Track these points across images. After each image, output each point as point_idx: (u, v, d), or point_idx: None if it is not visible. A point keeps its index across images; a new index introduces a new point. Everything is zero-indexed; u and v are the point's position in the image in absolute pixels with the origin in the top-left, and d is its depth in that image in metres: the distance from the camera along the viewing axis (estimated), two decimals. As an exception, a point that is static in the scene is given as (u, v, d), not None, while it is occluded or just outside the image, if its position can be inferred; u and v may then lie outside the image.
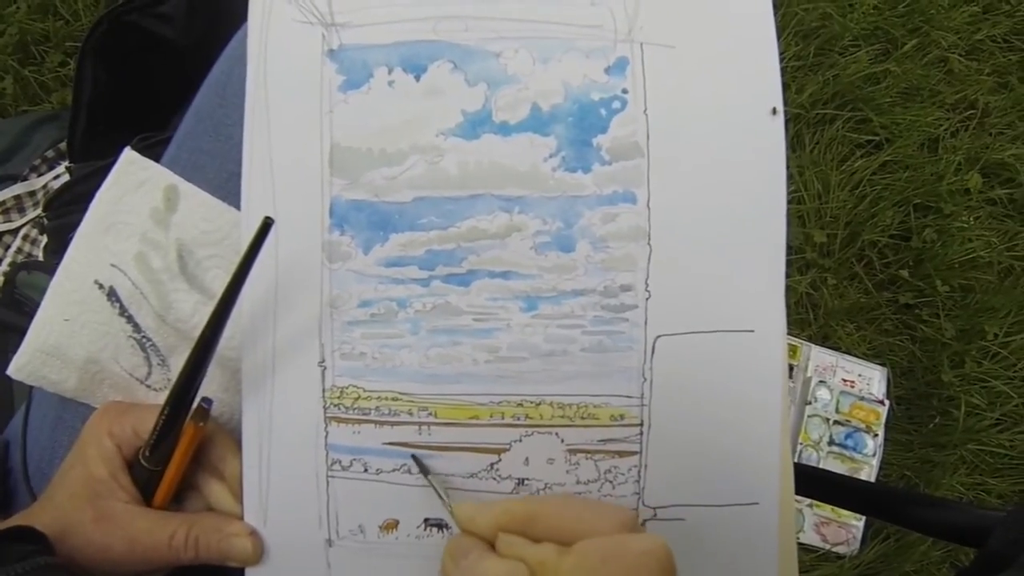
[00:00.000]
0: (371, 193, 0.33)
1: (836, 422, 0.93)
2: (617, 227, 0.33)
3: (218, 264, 0.36)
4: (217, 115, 0.37)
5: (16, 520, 0.33)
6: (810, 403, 0.93)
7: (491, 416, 0.33)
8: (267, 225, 0.31)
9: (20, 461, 0.38)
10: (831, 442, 0.92)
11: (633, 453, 0.34)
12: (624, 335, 0.33)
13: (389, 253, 0.33)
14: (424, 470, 0.33)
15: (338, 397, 0.33)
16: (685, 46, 0.34)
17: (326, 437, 0.33)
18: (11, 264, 0.72)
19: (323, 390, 0.33)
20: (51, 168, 0.76)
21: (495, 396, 0.33)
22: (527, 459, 0.33)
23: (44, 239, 0.72)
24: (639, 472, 0.33)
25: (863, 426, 0.93)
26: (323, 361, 0.34)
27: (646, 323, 0.33)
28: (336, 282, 0.33)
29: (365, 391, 0.33)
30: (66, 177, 0.72)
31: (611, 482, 0.33)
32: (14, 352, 0.36)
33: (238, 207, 0.34)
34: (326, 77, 0.33)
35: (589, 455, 0.33)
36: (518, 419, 0.33)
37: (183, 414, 0.32)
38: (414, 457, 0.33)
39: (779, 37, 0.34)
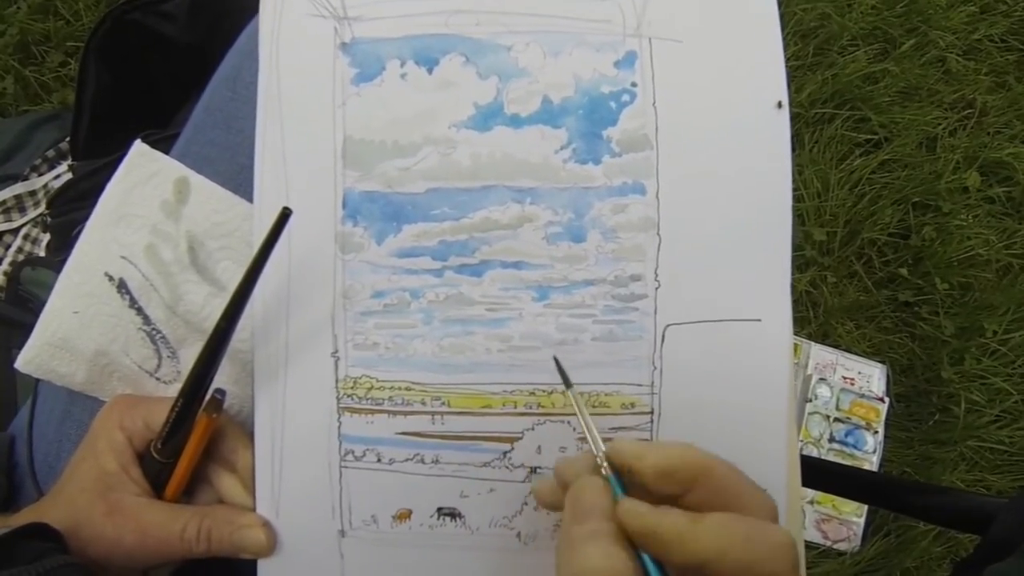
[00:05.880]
0: (384, 184, 0.34)
1: (836, 419, 0.93)
2: (627, 218, 0.34)
3: (228, 256, 0.36)
4: (228, 109, 0.37)
5: (26, 515, 0.33)
6: (810, 400, 0.93)
7: (504, 405, 0.33)
8: (285, 216, 0.31)
9: (26, 456, 0.38)
10: (831, 439, 0.92)
11: (644, 441, 0.34)
12: (634, 324, 0.33)
13: (402, 244, 0.33)
14: (567, 382, 0.30)
15: (351, 387, 0.34)
16: (692, 41, 0.34)
17: (339, 427, 0.34)
18: (12, 263, 0.72)
19: (336, 380, 0.34)
20: (52, 168, 0.76)
21: (508, 385, 0.33)
22: (539, 447, 0.33)
23: (45, 238, 0.72)
24: (650, 460, 0.34)
25: (863, 423, 0.93)
26: (336, 351, 0.34)
27: (656, 312, 0.34)
28: (349, 273, 0.34)
29: (378, 381, 0.34)
30: (66, 176, 0.71)
31: (623, 470, 0.34)
32: (19, 348, 0.36)
33: (249, 200, 0.35)
34: (339, 70, 0.34)
35: (601, 443, 0.34)
36: (530, 408, 0.33)
37: (196, 406, 0.32)
38: (556, 360, 0.31)
39: (779, 35, 0.35)
